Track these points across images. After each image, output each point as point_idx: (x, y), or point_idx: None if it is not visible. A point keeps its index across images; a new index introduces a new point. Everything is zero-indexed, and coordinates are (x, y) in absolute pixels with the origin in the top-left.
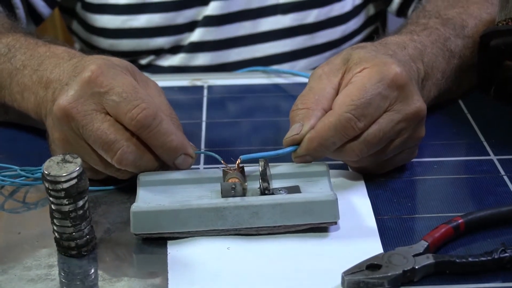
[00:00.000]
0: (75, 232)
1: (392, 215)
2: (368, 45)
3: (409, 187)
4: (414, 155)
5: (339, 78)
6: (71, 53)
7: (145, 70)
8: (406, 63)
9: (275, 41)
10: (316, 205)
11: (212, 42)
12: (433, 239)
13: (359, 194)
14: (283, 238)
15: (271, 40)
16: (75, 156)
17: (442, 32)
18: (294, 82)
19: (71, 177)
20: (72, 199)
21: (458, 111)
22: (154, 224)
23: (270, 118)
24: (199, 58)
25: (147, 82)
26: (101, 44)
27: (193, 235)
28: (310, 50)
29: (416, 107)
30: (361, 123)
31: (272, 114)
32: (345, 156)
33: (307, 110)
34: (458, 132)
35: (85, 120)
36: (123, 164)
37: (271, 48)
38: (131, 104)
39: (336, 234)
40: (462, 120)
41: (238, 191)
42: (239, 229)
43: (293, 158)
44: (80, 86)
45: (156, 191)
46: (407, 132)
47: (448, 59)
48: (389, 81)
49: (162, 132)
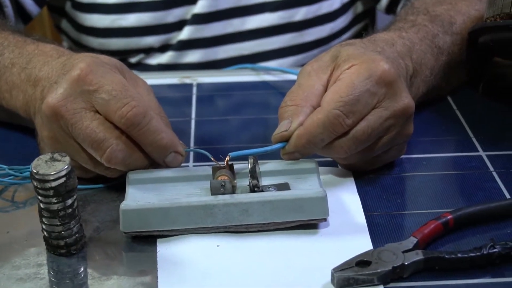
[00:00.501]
0: (64, 231)
1: (381, 212)
2: (357, 42)
3: (398, 184)
4: (403, 151)
5: (328, 75)
6: (59, 51)
7: (134, 68)
8: (394, 60)
9: (263, 39)
10: (306, 202)
11: (201, 40)
12: (422, 235)
13: (348, 191)
14: (273, 235)
15: (259, 37)
16: (63, 155)
17: (430, 29)
18: (282, 79)
19: (60, 175)
20: (61, 197)
21: (447, 107)
22: (144, 222)
23: (258, 115)
24: (188, 56)
25: (136, 80)
26: (91, 43)
27: (182, 232)
28: (298, 48)
29: (404, 103)
30: (349, 120)
31: (260, 111)
32: (333, 153)
33: (296, 107)
34: (447, 128)
35: (74, 119)
36: (112, 163)
37: (259, 46)
38: (120, 102)
39: (326, 230)
40: (451, 117)
41: (227, 188)
42: (228, 227)
43: (281, 155)
44: (69, 84)
45: (146, 189)
46: (396, 128)
47: (436, 55)
48: (377, 78)
49: (152, 130)
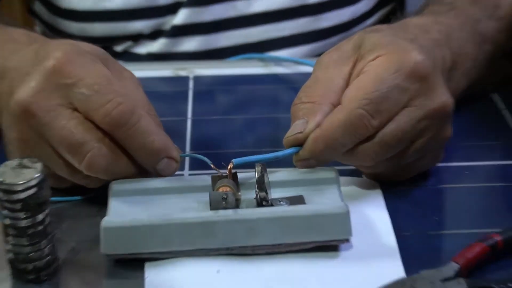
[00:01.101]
0: (33, 252)
1: (415, 231)
2: (384, 28)
3: (435, 198)
4: (440, 159)
5: (349, 67)
6: (31, 36)
7: (120, 58)
8: (429, 50)
9: (272, 24)
10: (324, 219)
11: (199, 25)
12: (465, 260)
13: (375, 206)
14: (284, 259)
15: (268, 22)
16: (35, 161)
17: (471, 13)
18: (296, 72)
19: (30, 185)
20: (30, 212)
21: (492, 106)
22: (129, 242)
23: (267, 114)
24: (184, 44)
25: (122, 73)
26: (69, 29)
27: (176, 255)
28: (313, 35)
29: (441, 101)
30: (375, 121)
31: (270, 109)
32: (357, 160)
33: (312, 104)
34: (492, 131)
35: (48, 117)
36: (93, 170)
37: (268, 32)
38: (103, 99)
39: (348, 254)
40: (497, 117)
41: (230, 202)
42: (231, 248)
43: (294, 161)
44: (42, 76)
45: (132, 203)
46: (431, 131)
47: (479, 44)
48: (409, 71)
49: (141, 132)
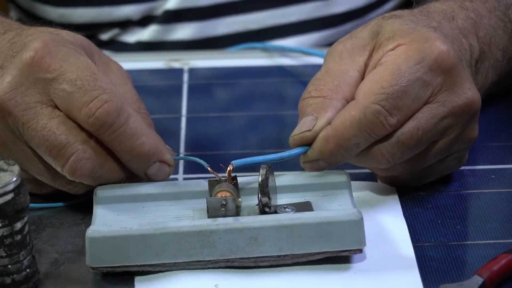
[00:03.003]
0: (11, 265)
1: (435, 242)
2: (405, 14)
3: (457, 204)
4: (464, 161)
5: (365, 58)
6: (6, 23)
7: (106, 47)
8: (454, 39)
9: (277, 9)
10: (334, 227)
11: (194, 10)
12: (490, 274)
13: (391, 213)
14: (290, 271)
15: (272, 7)
16: (11, 163)
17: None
18: (304, 63)
19: (6, 190)
20: (7, 220)
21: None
22: (118, 254)
23: (271, 111)
24: (177, 31)
25: (109, 65)
26: (48, 14)
27: (169, 268)
28: (324, 21)
29: (467, 97)
30: (393, 119)
31: (274, 105)
32: (372, 162)
33: (323, 99)
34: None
35: (27, 116)
36: (77, 175)
37: (272, 18)
38: (87, 96)
39: (362, 266)
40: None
41: (230, 208)
42: (231, 260)
43: (301, 163)
44: (19, 70)
45: (120, 210)
46: (455, 130)
47: (510, 33)
48: (431, 63)
49: (129, 134)
